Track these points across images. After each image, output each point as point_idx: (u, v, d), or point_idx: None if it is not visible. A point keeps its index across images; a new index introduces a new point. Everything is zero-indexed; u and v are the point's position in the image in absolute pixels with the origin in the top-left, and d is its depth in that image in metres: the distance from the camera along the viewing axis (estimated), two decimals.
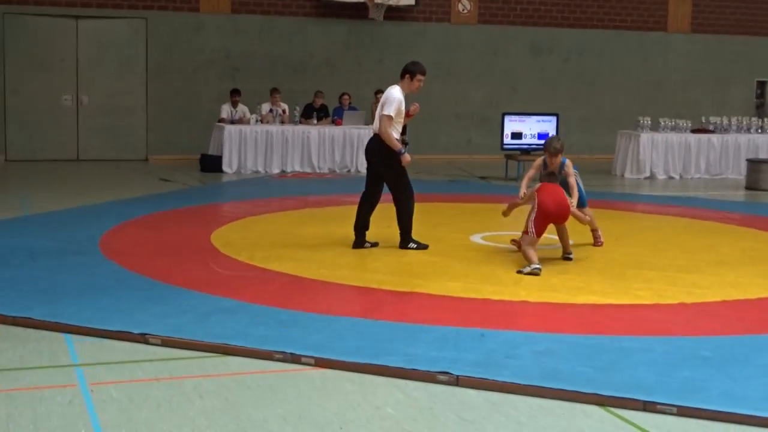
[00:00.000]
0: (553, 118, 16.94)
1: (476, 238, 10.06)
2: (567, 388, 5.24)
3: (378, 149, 9.14)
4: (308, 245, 9.50)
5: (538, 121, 16.88)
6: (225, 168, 16.70)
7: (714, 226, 11.62)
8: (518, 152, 16.85)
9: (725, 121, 18.72)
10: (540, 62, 21.44)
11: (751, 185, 16.40)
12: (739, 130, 18.70)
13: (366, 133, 17.20)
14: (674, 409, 5.07)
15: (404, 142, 10.00)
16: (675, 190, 16.10)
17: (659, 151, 17.95)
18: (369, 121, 18.18)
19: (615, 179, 17.58)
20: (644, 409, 5.11)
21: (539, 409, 5.09)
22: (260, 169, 16.93)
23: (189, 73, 18.91)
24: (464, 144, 20.96)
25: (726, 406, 5.04)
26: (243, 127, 16.92)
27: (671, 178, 17.88)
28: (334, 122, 17.56)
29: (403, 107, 9.12)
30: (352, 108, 17.98)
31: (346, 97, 18.14)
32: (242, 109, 17.50)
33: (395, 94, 9.04)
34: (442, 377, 5.44)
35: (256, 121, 17.18)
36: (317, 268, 8.32)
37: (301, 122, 17.49)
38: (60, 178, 15.86)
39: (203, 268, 8.26)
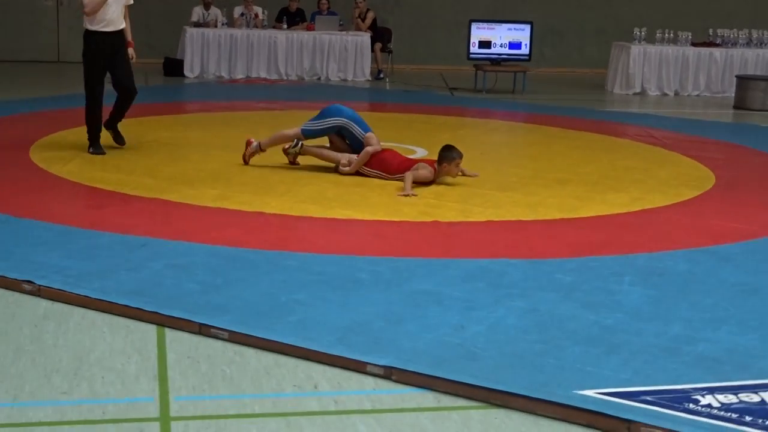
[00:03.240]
0: (527, 27, 15.82)
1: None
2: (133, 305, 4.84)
3: None
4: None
5: (510, 29, 15.78)
6: (186, 72, 16.31)
7: (631, 146, 10.81)
8: (487, 62, 15.87)
9: (734, 34, 17.20)
10: None
11: (739, 104, 15.19)
12: (748, 44, 17.18)
13: (337, 39, 16.51)
14: (226, 334, 4.58)
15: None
16: (656, 107, 15.02)
17: (652, 65, 16.76)
18: (347, 27, 17.45)
19: (600, 94, 16.50)
20: (200, 332, 4.63)
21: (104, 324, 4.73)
22: (224, 74, 16.41)
23: None
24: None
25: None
26: (206, 31, 16.43)
27: (665, 94, 16.69)
28: (306, 27, 16.84)
29: None
30: (330, 13, 17.23)
31: (324, 1, 17.38)
32: (215, 12, 16.98)
33: None
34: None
35: (222, 24, 16.59)
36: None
37: (274, 27, 16.85)
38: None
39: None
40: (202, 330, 4.61)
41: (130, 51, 8.99)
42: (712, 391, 4.06)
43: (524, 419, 3.89)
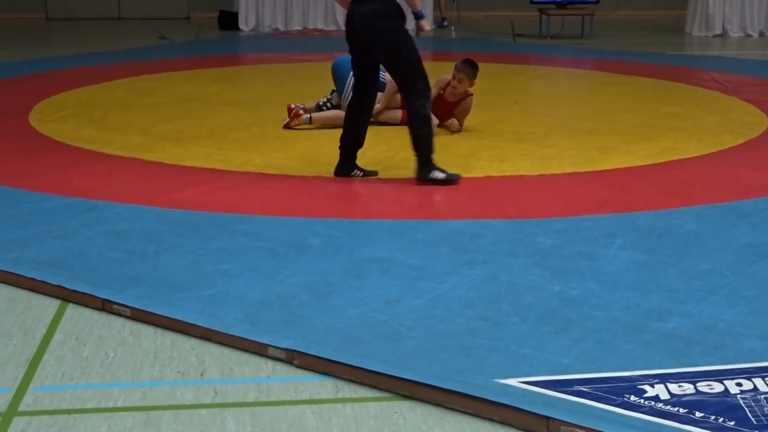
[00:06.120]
0: None
1: None
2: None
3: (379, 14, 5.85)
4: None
5: None
6: (241, 25, 15.88)
7: (684, 90, 9.94)
8: (552, 6, 14.97)
9: None
10: None
11: None
12: None
13: None
14: (128, 311, 4.03)
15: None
16: (736, 49, 13.90)
17: (734, 3, 15.57)
18: None
19: (677, 37, 15.43)
20: (103, 308, 4.10)
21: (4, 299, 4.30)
22: (280, 26, 15.89)
23: None
24: None
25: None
26: None
27: (748, 35, 15.53)
28: None
29: None
30: None
31: None
32: None
33: None
34: None
35: None
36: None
37: None
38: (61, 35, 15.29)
39: None
40: (105, 306, 4.11)
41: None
42: (665, 378, 3.38)
43: (429, 413, 3.27)
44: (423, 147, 5.85)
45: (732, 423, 3.06)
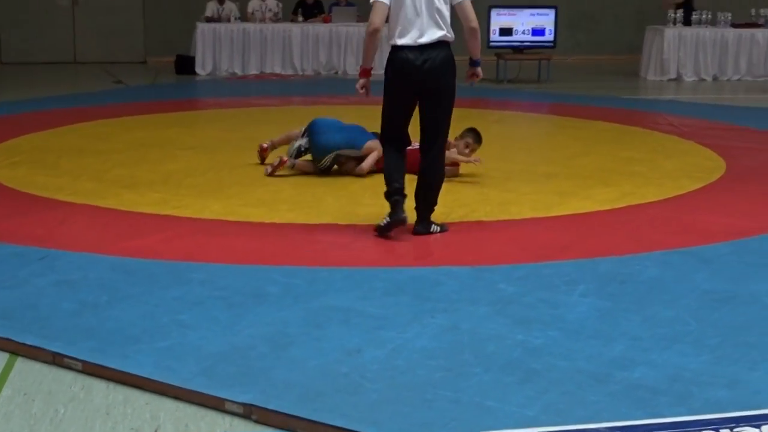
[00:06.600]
0: (551, 12, 14.96)
1: None
2: None
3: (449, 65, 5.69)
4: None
5: (533, 14, 14.93)
6: (198, 69, 15.77)
7: (642, 135, 9.97)
8: (508, 50, 15.04)
9: None
10: None
11: None
12: None
13: (355, 31, 15.77)
14: (79, 365, 3.86)
15: None
16: (691, 93, 14.03)
17: (688, 48, 15.76)
18: (364, 17, 16.64)
19: (632, 81, 15.56)
20: (53, 362, 3.95)
21: None
22: (237, 70, 15.82)
23: None
24: None
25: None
26: (217, 26, 15.85)
27: (702, 80, 15.68)
28: (323, 19, 16.15)
29: None
30: (349, 4, 16.53)
31: None
32: (230, 6, 16.41)
33: None
34: None
35: (235, 19, 15.98)
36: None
37: (291, 20, 16.19)
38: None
39: None
40: (56, 359, 3.97)
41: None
42: (632, 431, 3.28)
43: None
44: (435, 202, 5.82)
45: None
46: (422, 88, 5.59)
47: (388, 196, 5.75)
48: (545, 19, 14.94)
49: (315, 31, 15.99)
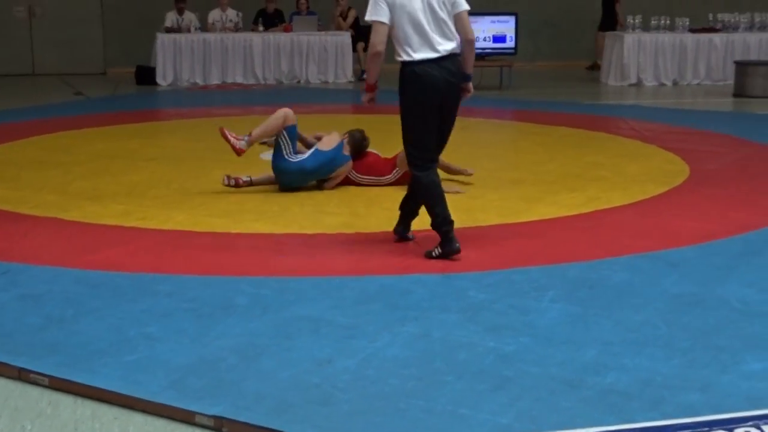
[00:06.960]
0: (511, 19, 15.00)
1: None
2: None
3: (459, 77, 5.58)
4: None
5: (493, 21, 14.96)
6: (159, 80, 15.64)
7: (605, 140, 9.99)
8: None
9: (735, 18, 16.25)
10: None
11: (739, 91, 14.29)
12: (750, 28, 16.23)
13: (316, 40, 15.73)
14: (46, 380, 3.79)
15: None
16: (651, 98, 14.13)
17: (647, 54, 15.86)
18: (326, 26, 16.68)
19: (593, 87, 15.64)
20: (19, 378, 3.89)
21: None
22: (198, 80, 15.72)
23: None
24: None
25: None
26: (178, 36, 15.72)
27: (662, 85, 15.79)
28: (284, 28, 16.10)
29: None
30: (310, 13, 16.49)
31: (303, 0, 16.64)
32: (189, 16, 16.29)
33: None
34: None
35: (195, 29, 15.89)
36: None
37: (252, 30, 16.12)
38: None
39: None
40: (21, 375, 3.90)
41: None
42: None
43: None
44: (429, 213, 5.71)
45: None
46: (444, 101, 5.47)
47: (437, 227, 5.52)
48: (506, 26, 14.99)
49: (276, 40, 15.94)
